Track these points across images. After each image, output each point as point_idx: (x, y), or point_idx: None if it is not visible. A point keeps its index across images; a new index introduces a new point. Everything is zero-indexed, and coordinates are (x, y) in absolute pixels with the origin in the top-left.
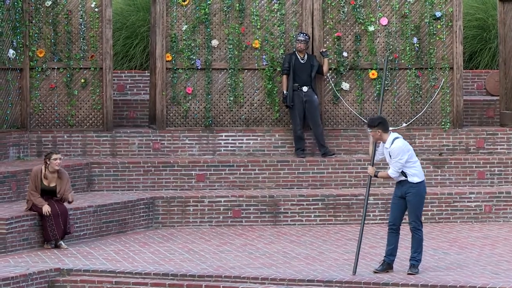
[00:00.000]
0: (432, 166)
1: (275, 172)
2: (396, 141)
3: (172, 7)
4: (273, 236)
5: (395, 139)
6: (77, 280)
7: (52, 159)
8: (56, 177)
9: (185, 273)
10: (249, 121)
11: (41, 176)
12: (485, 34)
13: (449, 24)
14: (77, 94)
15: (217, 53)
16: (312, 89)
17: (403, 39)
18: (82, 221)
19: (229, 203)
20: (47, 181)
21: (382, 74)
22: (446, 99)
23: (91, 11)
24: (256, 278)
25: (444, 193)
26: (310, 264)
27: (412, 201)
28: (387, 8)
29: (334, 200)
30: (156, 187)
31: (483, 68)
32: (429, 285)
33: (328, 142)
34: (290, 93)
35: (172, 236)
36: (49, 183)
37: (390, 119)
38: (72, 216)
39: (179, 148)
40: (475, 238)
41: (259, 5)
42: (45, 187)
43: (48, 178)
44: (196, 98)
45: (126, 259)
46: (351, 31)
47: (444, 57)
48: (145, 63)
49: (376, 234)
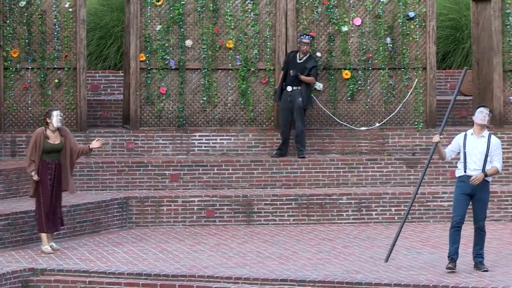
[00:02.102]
0: (405, 166)
1: (248, 172)
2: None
3: (146, 7)
4: (247, 235)
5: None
6: (51, 280)
7: (54, 116)
8: (58, 134)
9: (159, 273)
10: (222, 121)
11: (44, 137)
12: (458, 34)
13: (422, 24)
14: (51, 94)
15: (191, 53)
16: (299, 90)
17: (377, 39)
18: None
19: (202, 203)
20: (50, 140)
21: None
22: (419, 99)
23: (65, 11)
24: (229, 278)
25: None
26: (284, 264)
27: (486, 199)
28: (360, 8)
29: (308, 200)
30: (130, 187)
31: (456, 68)
32: (402, 284)
33: None
34: (279, 90)
35: (146, 236)
36: (54, 142)
37: (363, 119)
38: None
39: (153, 148)
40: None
41: (233, 5)
42: (50, 146)
43: (51, 137)
44: (170, 98)
45: (100, 259)
46: (324, 31)
47: (417, 57)
48: (119, 63)
49: (349, 233)
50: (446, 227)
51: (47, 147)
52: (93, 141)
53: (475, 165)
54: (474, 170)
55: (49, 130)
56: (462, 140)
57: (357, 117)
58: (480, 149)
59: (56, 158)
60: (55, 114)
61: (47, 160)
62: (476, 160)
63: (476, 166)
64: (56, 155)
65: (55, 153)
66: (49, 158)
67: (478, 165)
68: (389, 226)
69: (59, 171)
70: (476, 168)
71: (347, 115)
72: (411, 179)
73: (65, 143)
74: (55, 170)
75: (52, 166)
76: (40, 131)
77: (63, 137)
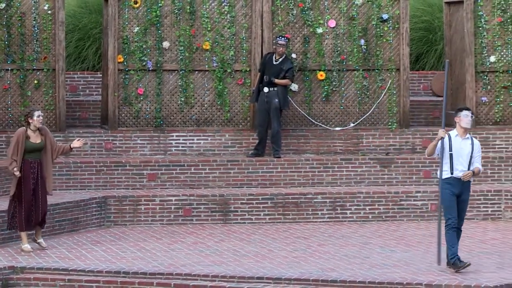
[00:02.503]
0: (379, 166)
1: (225, 172)
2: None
3: (124, 9)
4: (223, 234)
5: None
6: (30, 278)
7: (35, 116)
8: (39, 134)
9: (137, 270)
10: (199, 122)
11: (25, 137)
12: (431, 36)
13: (395, 26)
14: (30, 95)
15: (168, 55)
16: (276, 91)
17: (351, 41)
18: None
19: (180, 202)
20: (31, 139)
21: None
22: (393, 99)
23: (44, 14)
24: (206, 276)
25: (390, 192)
26: (260, 262)
27: (468, 199)
28: (335, 10)
29: (283, 199)
30: (108, 186)
31: (429, 69)
32: (377, 282)
33: None
34: (255, 91)
35: (124, 235)
36: (35, 141)
37: (338, 119)
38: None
39: (131, 148)
40: (421, 236)
41: (209, 8)
42: (31, 145)
43: (32, 137)
44: (148, 99)
45: (79, 257)
46: (299, 33)
47: (391, 59)
48: (97, 64)
49: (324, 232)
50: (420, 225)
51: (29, 147)
52: (74, 140)
53: (462, 167)
54: (461, 172)
55: (30, 130)
56: (447, 142)
57: (332, 118)
58: (466, 151)
59: (38, 157)
60: (36, 115)
61: (29, 159)
62: (463, 161)
63: (463, 167)
64: (38, 154)
65: (36, 152)
66: (31, 158)
67: (464, 166)
68: (363, 225)
69: (41, 170)
70: (463, 169)
71: (322, 116)
72: (385, 179)
73: (46, 142)
74: (37, 169)
75: (35, 165)
76: (22, 131)
77: (43, 136)
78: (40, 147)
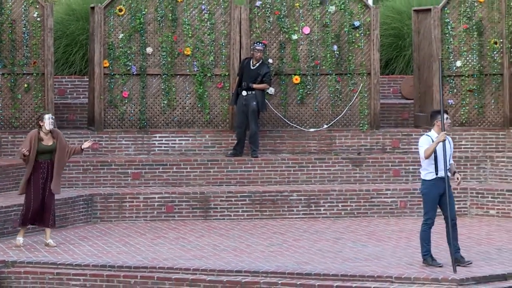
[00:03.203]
0: (351, 165)
1: (205, 170)
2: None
3: (109, 16)
4: (204, 230)
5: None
6: (21, 272)
7: (46, 119)
8: (51, 136)
9: (122, 264)
10: (181, 123)
11: (37, 139)
12: (400, 42)
13: (367, 33)
14: (20, 98)
15: (151, 60)
16: (254, 94)
17: (324, 47)
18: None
19: (162, 199)
20: (44, 142)
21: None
22: (364, 102)
23: (34, 21)
24: (188, 269)
25: (362, 189)
26: (238, 256)
27: (452, 194)
28: (309, 18)
29: (260, 196)
30: (95, 185)
31: (399, 73)
32: (349, 275)
33: None
34: (234, 95)
35: (110, 230)
36: (47, 143)
37: (312, 121)
38: (16, 212)
39: (116, 148)
40: (391, 231)
41: (190, 15)
42: (43, 147)
43: (44, 139)
44: (132, 102)
45: (67, 251)
46: (276, 39)
47: (362, 64)
48: (84, 69)
49: (299, 228)
50: (390, 222)
51: (41, 148)
52: (85, 141)
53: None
54: (444, 171)
55: (42, 133)
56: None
57: (307, 119)
58: (448, 151)
59: (48, 158)
60: (47, 117)
61: (40, 160)
62: (445, 161)
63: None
64: (49, 155)
65: (47, 153)
66: (42, 159)
67: (446, 166)
68: (336, 221)
69: (51, 170)
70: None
71: (297, 118)
72: (357, 177)
73: (58, 144)
74: (47, 169)
75: (45, 166)
76: (34, 133)
77: (55, 139)
78: (52, 149)
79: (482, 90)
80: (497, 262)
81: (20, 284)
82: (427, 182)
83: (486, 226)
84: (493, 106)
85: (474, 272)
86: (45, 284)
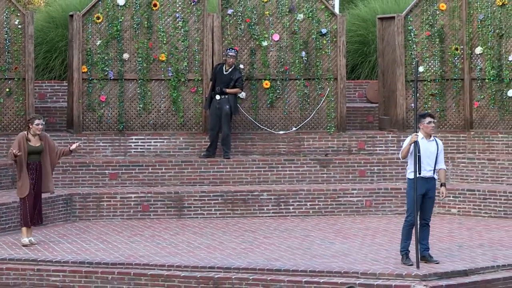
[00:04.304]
0: (319, 166)
1: (179, 171)
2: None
3: (87, 24)
4: (178, 228)
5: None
6: (3, 268)
7: (35, 124)
8: (38, 138)
9: (100, 261)
10: (156, 126)
11: (26, 140)
12: (365, 48)
13: (333, 39)
14: (2, 102)
15: (128, 65)
16: (227, 98)
17: (293, 53)
18: (7, 215)
19: (138, 199)
20: (31, 143)
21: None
22: (331, 106)
23: (15, 28)
24: (163, 266)
25: (329, 189)
26: (211, 253)
27: (434, 197)
28: (279, 25)
29: (232, 196)
30: (74, 185)
31: (364, 78)
32: (317, 270)
33: None
34: (208, 99)
35: (88, 229)
36: (35, 144)
37: (281, 124)
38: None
39: (94, 150)
40: (357, 229)
41: (165, 23)
42: (32, 148)
43: (32, 140)
44: (109, 105)
45: (47, 249)
46: (247, 46)
47: (329, 69)
48: (64, 74)
49: (270, 226)
50: (356, 220)
51: (29, 149)
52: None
53: (429, 167)
54: (429, 171)
55: (30, 135)
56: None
57: (276, 122)
58: (432, 151)
59: (37, 159)
60: (36, 122)
61: (28, 161)
62: (430, 161)
63: (430, 167)
64: (37, 156)
65: (36, 154)
66: (31, 160)
67: (431, 166)
68: (304, 219)
69: (40, 171)
70: (430, 169)
71: (267, 121)
72: (324, 177)
73: (45, 145)
74: (36, 170)
75: (34, 167)
76: (22, 135)
77: (42, 141)
78: (40, 150)
79: (443, 95)
80: (458, 259)
81: (2, 280)
82: (410, 180)
83: (448, 224)
84: (454, 110)
85: (436, 268)
86: (26, 280)
